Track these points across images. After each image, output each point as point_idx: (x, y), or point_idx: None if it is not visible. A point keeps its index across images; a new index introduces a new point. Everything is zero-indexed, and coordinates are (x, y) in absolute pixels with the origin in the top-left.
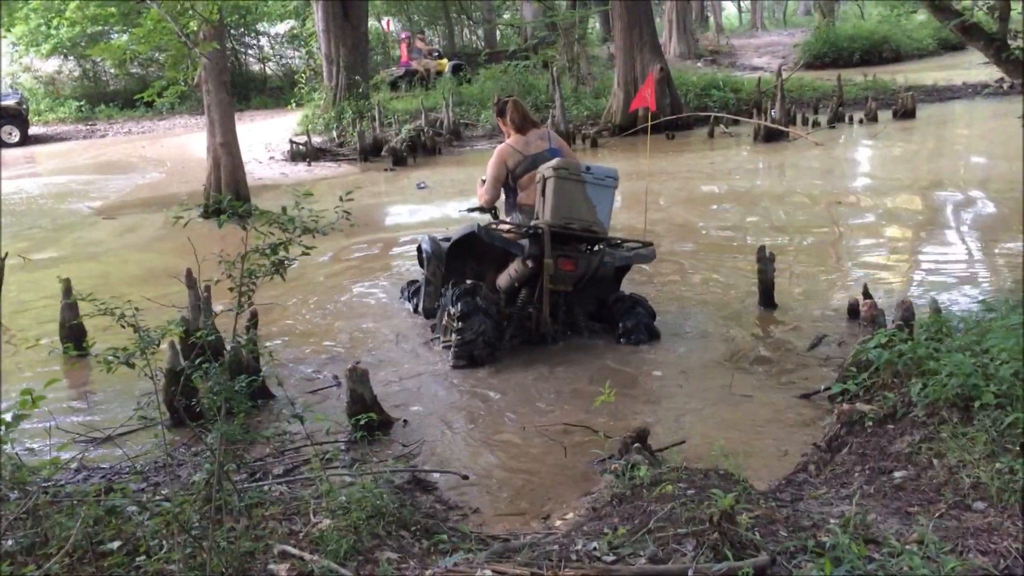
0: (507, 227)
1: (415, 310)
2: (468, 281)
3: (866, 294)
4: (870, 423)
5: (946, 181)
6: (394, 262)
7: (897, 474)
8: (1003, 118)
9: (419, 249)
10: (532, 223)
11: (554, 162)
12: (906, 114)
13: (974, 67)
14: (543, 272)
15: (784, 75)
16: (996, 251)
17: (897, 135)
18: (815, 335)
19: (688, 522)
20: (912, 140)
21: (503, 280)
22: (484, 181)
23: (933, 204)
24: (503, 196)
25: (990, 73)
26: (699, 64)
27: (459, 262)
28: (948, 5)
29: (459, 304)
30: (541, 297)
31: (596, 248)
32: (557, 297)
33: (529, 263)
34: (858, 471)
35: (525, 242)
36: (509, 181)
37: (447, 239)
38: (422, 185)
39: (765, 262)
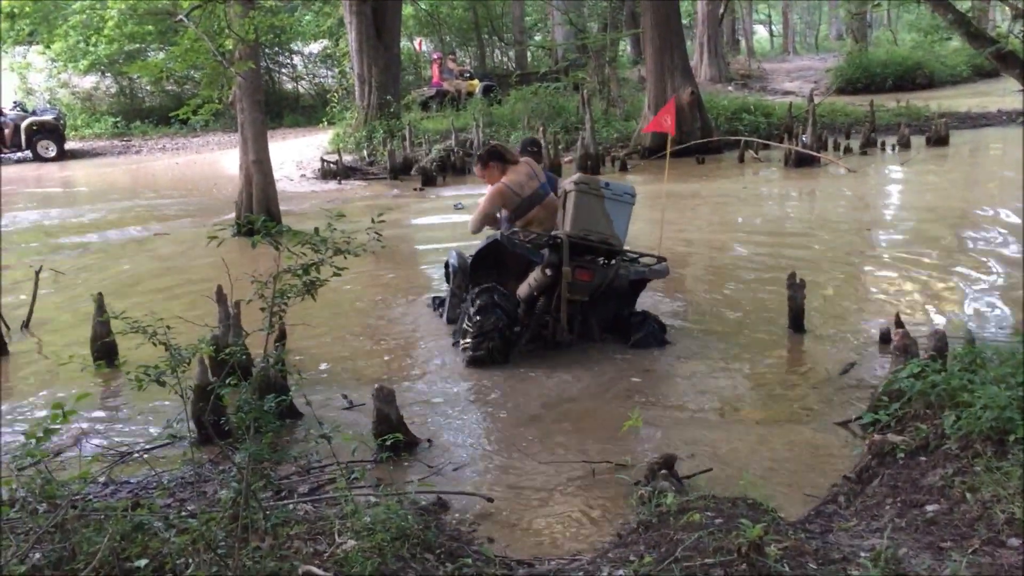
0: (529, 237)
1: (442, 315)
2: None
3: (898, 323)
4: (902, 455)
5: (979, 209)
6: (424, 280)
7: (929, 507)
8: None
9: (446, 264)
10: (552, 233)
11: (576, 176)
12: (939, 141)
13: (1008, 94)
14: (561, 281)
15: (816, 100)
16: None
17: (930, 162)
18: (845, 362)
19: (716, 552)
20: (945, 167)
21: (523, 290)
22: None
23: (966, 232)
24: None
25: None
26: (730, 88)
27: (483, 273)
28: (983, 32)
29: (477, 300)
30: (559, 306)
31: (612, 261)
32: (574, 307)
33: (548, 271)
34: (889, 503)
35: (545, 251)
36: (502, 219)
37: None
38: (459, 205)
39: (795, 288)
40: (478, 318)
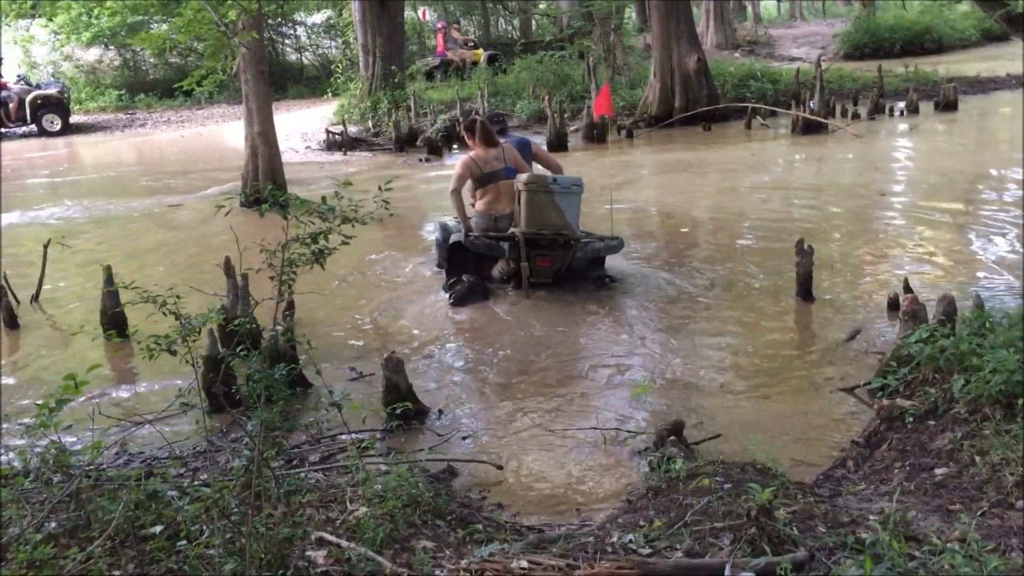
0: (490, 235)
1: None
2: (464, 277)
3: (907, 288)
4: (910, 419)
5: (989, 174)
6: (431, 249)
7: (938, 471)
8: None
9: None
10: (510, 231)
11: (525, 177)
12: (948, 106)
13: (1018, 58)
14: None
15: (823, 66)
16: None
17: (939, 127)
18: (851, 329)
19: (725, 516)
20: (954, 132)
21: (496, 271)
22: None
23: (975, 197)
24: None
25: None
26: (737, 55)
27: (461, 257)
28: None
29: (451, 295)
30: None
31: (572, 242)
32: (543, 285)
33: (511, 263)
34: (898, 467)
35: (505, 245)
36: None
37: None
38: None
39: (803, 254)
40: (450, 282)
